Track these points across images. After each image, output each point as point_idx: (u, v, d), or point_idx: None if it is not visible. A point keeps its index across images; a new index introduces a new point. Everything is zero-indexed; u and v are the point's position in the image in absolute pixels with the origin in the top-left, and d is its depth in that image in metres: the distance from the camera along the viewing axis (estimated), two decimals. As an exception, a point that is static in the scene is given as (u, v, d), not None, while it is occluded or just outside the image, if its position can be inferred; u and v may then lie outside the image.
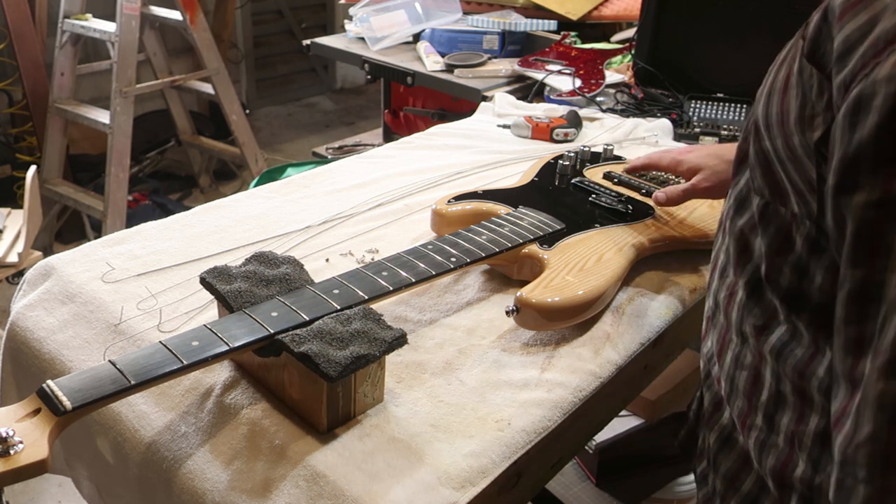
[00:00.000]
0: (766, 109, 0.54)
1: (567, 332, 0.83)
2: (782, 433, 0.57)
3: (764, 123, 0.54)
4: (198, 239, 0.98)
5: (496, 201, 0.98)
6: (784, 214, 0.54)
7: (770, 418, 0.59)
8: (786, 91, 0.51)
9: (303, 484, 0.63)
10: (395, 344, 0.68)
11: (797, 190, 0.52)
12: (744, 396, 0.61)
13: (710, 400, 0.70)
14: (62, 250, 1.00)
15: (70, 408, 0.56)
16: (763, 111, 0.54)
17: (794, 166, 0.51)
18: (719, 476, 0.67)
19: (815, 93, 0.47)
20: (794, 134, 0.49)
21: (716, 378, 0.67)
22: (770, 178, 0.55)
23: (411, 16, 2.06)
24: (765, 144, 0.54)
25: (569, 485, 1.55)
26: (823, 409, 0.53)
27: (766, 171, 0.55)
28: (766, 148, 0.54)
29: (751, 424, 0.61)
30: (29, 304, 0.86)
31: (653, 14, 1.60)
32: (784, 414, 0.57)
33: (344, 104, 4.42)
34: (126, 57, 2.50)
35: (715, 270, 0.67)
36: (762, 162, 0.55)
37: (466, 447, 0.67)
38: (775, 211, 0.55)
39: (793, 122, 0.49)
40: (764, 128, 0.54)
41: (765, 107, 0.54)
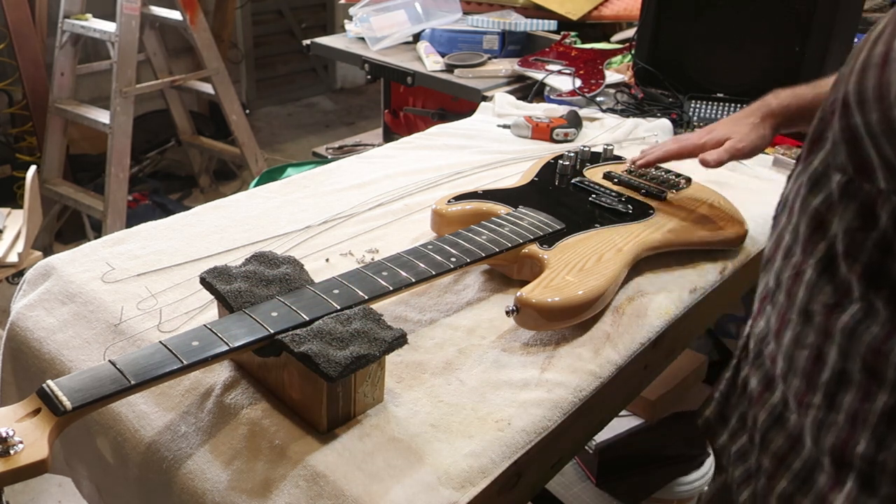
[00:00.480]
0: (858, 85, 0.54)
1: (567, 332, 0.83)
2: (843, 412, 0.58)
3: (856, 99, 0.54)
4: (198, 239, 0.98)
5: (496, 201, 0.98)
6: (869, 190, 0.55)
7: (831, 397, 0.59)
8: (885, 66, 0.52)
9: (303, 484, 0.63)
10: (395, 344, 0.68)
11: (888, 165, 0.52)
12: (802, 375, 0.62)
13: (759, 379, 0.70)
14: (62, 250, 1.00)
15: (70, 408, 0.56)
16: (855, 87, 0.55)
17: (889, 140, 0.52)
18: (768, 454, 0.67)
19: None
20: (894, 107, 0.50)
21: (769, 357, 0.67)
22: (856, 155, 0.55)
23: (411, 16, 2.06)
24: (854, 120, 0.55)
25: (569, 485, 1.55)
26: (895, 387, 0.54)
27: (853, 148, 0.55)
28: (856, 124, 0.55)
29: (808, 403, 0.61)
30: (29, 304, 0.86)
31: (653, 14, 1.60)
32: (847, 393, 0.58)
33: (344, 104, 4.42)
34: (126, 57, 2.50)
35: (778, 251, 0.67)
36: (848, 138, 0.56)
37: (466, 447, 0.67)
38: (859, 187, 0.56)
39: (893, 96, 0.50)
40: (856, 103, 0.55)
41: (857, 82, 0.55)
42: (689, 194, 1.06)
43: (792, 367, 0.63)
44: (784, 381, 0.65)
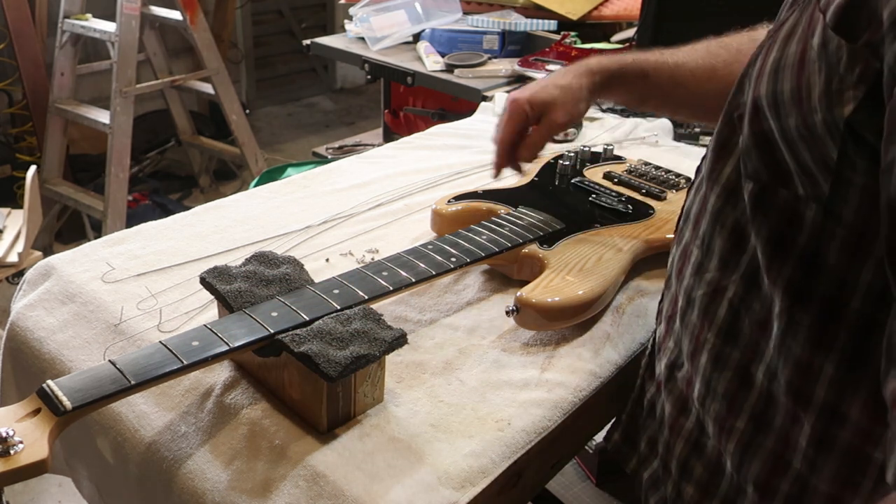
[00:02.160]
0: (772, 87, 0.51)
1: (567, 332, 0.83)
2: (773, 435, 0.56)
3: (770, 102, 0.51)
4: (198, 239, 0.98)
5: (496, 201, 0.98)
6: (785, 197, 0.51)
7: (756, 420, 0.57)
8: (802, 67, 0.48)
9: (303, 484, 0.63)
10: (395, 344, 0.68)
11: (805, 171, 0.49)
12: (724, 398, 0.59)
13: (672, 404, 0.67)
14: (62, 250, 1.00)
15: (70, 408, 0.56)
16: (769, 89, 0.51)
17: (807, 145, 0.48)
18: (692, 483, 0.65)
19: (843, 66, 0.45)
20: (817, 111, 0.47)
21: (683, 380, 0.65)
22: (769, 160, 0.52)
23: (411, 16, 2.06)
24: (767, 125, 0.51)
25: (569, 485, 1.55)
26: (823, 409, 0.52)
27: (765, 153, 0.52)
28: (769, 128, 0.51)
29: (730, 427, 0.59)
30: (29, 304, 0.86)
31: (653, 14, 1.60)
32: (776, 414, 0.55)
33: (344, 104, 4.42)
34: (126, 57, 2.50)
35: (685, 268, 0.64)
36: (761, 143, 0.52)
37: (466, 447, 0.67)
38: (773, 194, 0.52)
39: (815, 99, 0.47)
40: (769, 107, 0.51)
41: (771, 84, 0.51)
42: (689, 194, 1.06)
43: (710, 391, 0.60)
44: (701, 406, 0.62)
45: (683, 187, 1.07)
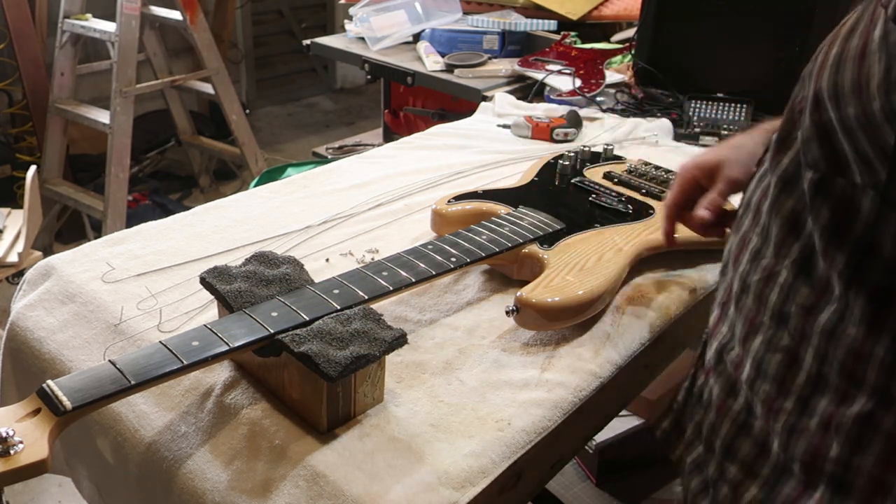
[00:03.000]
0: (833, 79, 0.54)
1: (567, 332, 0.83)
2: (817, 416, 0.57)
3: (830, 94, 0.54)
4: (198, 239, 0.98)
5: (496, 201, 0.98)
6: (844, 186, 0.54)
7: (804, 401, 0.59)
8: (863, 58, 0.51)
9: (303, 484, 0.63)
10: (395, 344, 0.68)
11: (863, 159, 0.52)
12: (773, 380, 0.61)
13: (721, 387, 0.69)
14: (62, 250, 1.00)
15: (70, 408, 0.56)
16: (830, 82, 0.54)
17: (866, 134, 0.51)
18: (736, 462, 0.66)
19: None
20: (875, 99, 0.49)
21: (732, 363, 0.67)
22: (829, 151, 0.54)
23: (411, 16, 2.06)
24: (826, 115, 0.54)
25: (569, 485, 1.55)
26: (874, 391, 0.53)
27: (825, 144, 0.55)
28: (828, 119, 0.54)
29: (779, 408, 0.61)
30: (29, 304, 0.86)
31: (653, 14, 1.60)
32: (823, 397, 0.57)
33: (344, 104, 4.42)
34: (126, 57, 2.50)
35: (743, 254, 0.66)
36: (820, 134, 0.55)
37: (466, 447, 0.67)
38: (833, 184, 0.55)
39: (874, 88, 0.49)
40: (830, 98, 0.54)
41: (832, 77, 0.54)
42: (689, 194, 1.06)
43: (761, 373, 0.62)
44: (750, 388, 0.64)
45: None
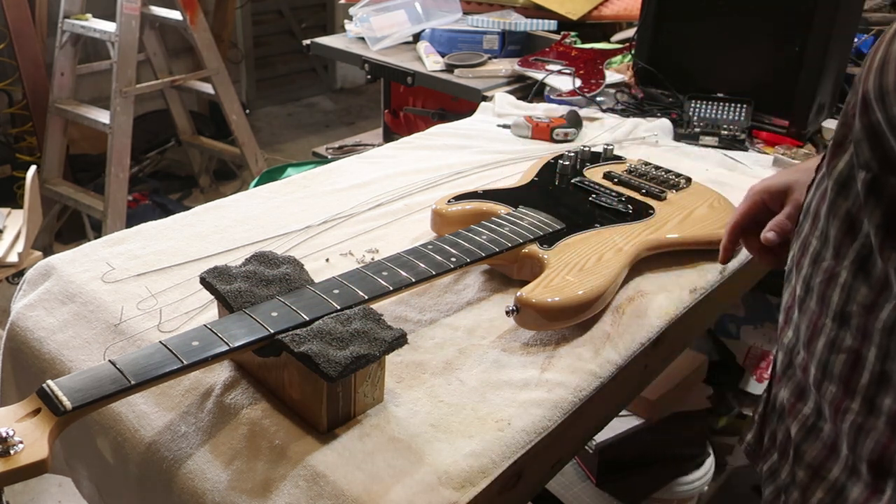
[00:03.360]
0: (878, 80, 0.55)
1: (567, 332, 0.83)
2: (884, 415, 0.58)
3: (877, 95, 0.55)
4: (198, 239, 0.98)
5: (496, 201, 0.98)
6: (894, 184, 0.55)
7: (870, 401, 0.59)
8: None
9: (303, 484, 0.63)
10: (395, 344, 0.68)
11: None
12: (839, 381, 0.61)
13: (791, 391, 0.69)
14: (62, 250, 1.00)
15: (70, 408, 0.56)
16: (875, 83, 0.55)
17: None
18: (803, 466, 0.67)
19: None
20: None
21: (800, 367, 0.67)
22: (879, 150, 0.56)
23: (411, 16, 2.06)
24: (874, 117, 0.55)
25: (569, 485, 1.55)
26: None
27: (875, 144, 0.56)
28: (877, 120, 0.55)
29: (846, 409, 0.61)
30: (29, 304, 0.86)
31: (653, 14, 1.60)
32: (887, 395, 0.57)
33: (344, 104, 4.42)
34: (126, 57, 2.50)
35: (804, 258, 0.67)
36: (871, 135, 0.56)
37: (466, 447, 0.67)
38: (886, 183, 0.56)
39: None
40: (876, 99, 0.55)
41: (877, 78, 0.55)
42: (689, 194, 1.06)
43: (827, 374, 0.62)
44: (818, 390, 0.64)
45: (683, 187, 1.07)
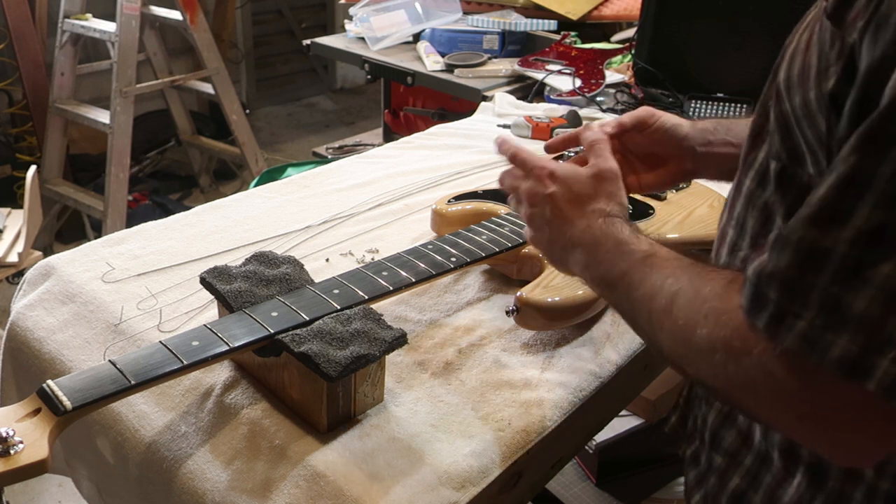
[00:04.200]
0: (788, 71, 0.56)
1: (567, 332, 0.83)
2: None
3: (785, 85, 0.56)
4: (198, 239, 0.98)
5: (496, 201, 0.98)
6: (801, 175, 0.55)
7: None
8: (807, 50, 0.54)
9: (303, 484, 0.63)
10: (395, 344, 0.68)
11: (811, 150, 0.53)
12: None
13: None
14: (62, 250, 1.00)
15: (70, 408, 0.56)
16: (785, 74, 0.56)
17: (809, 123, 0.53)
18: (721, 452, 0.67)
19: (827, 45, 0.50)
20: (812, 88, 0.52)
21: None
22: (788, 142, 0.56)
23: (411, 16, 2.06)
24: (785, 106, 0.56)
25: (569, 485, 1.55)
26: None
27: (786, 135, 0.57)
28: (786, 110, 0.56)
29: None
30: (29, 304, 0.86)
31: (653, 14, 1.60)
32: None
33: (344, 104, 4.42)
34: (126, 57, 2.50)
35: (722, 248, 0.68)
36: (782, 125, 0.57)
37: (466, 447, 0.67)
38: (793, 174, 0.56)
39: (813, 77, 0.52)
40: (785, 89, 0.56)
41: (787, 69, 0.56)
42: (689, 194, 1.06)
43: None
44: None
45: (683, 187, 1.07)
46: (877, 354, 0.42)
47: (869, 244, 0.43)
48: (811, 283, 0.45)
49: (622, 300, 0.62)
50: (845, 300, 0.43)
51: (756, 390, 0.49)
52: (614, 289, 0.63)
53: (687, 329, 0.53)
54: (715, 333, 0.50)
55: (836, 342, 0.44)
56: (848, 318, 0.43)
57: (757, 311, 0.48)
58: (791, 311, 0.46)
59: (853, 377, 0.43)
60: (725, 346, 0.50)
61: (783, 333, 0.46)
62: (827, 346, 0.44)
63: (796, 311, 0.45)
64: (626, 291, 0.61)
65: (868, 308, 0.43)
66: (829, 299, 0.44)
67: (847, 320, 0.43)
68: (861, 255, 0.43)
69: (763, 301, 0.47)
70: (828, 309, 0.44)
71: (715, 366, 0.51)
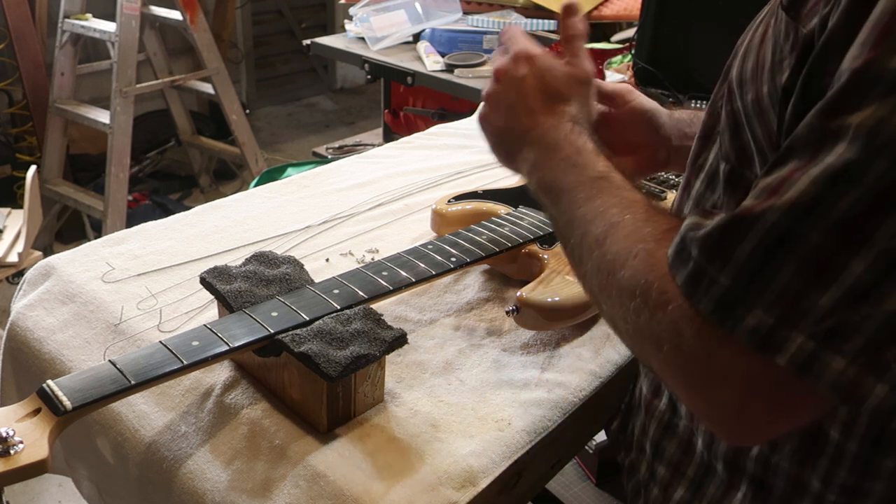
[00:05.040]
0: (741, 67, 0.55)
1: (567, 332, 0.83)
2: None
3: (738, 81, 0.55)
4: (198, 239, 0.98)
5: (496, 201, 0.98)
6: (749, 178, 0.54)
7: None
8: (762, 44, 0.52)
9: (303, 484, 0.63)
10: (395, 344, 0.68)
11: (759, 149, 0.52)
12: None
13: (648, 386, 0.69)
14: (62, 250, 1.00)
15: (70, 408, 0.56)
16: (738, 70, 0.55)
17: (760, 121, 0.51)
18: (663, 462, 0.66)
19: (782, 37, 0.49)
20: (766, 83, 0.50)
21: None
22: (737, 141, 0.55)
23: (411, 16, 2.06)
24: (736, 104, 0.55)
25: (569, 485, 1.55)
26: None
27: (735, 133, 0.55)
28: (738, 107, 0.54)
29: None
30: (29, 304, 0.86)
31: (653, 14, 1.60)
32: None
33: (344, 104, 4.42)
34: (126, 57, 2.50)
35: None
36: (732, 124, 0.55)
37: (466, 447, 0.67)
38: (741, 175, 0.55)
39: (766, 72, 0.51)
40: (737, 85, 0.55)
41: (740, 66, 0.55)
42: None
43: None
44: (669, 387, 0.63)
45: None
46: (792, 329, 0.41)
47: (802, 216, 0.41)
48: (733, 247, 0.43)
49: (561, 215, 0.59)
50: (767, 269, 0.41)
51: (661, 346, 0.47)
52: (557, 201, 0.59)
53: (614, 264, 0.51)
54: (638, 277, 0.48)
55: (752, 311, 0.42)
56: (767, 289, 0.41)
57: (677, 266, 0.46)
58: (709, 273, 0.44)
59: (765, 350, 0.41)
60: (644, 293, 0.48)
61: (699, 294, 0.44)
62: (742, 315, 0.42)
63: (713, 274, 0.43)
64: (567, 207, 0.58)
65: (791, 280, 0.41)
66: (750, 266, 0.42)
67: (766, 290, 0.41)
68: (790, 225, 0.41)
69: (685, 257, 0.45)
70: (748, 276, 0.42)
71: (629, 310, 0.49)
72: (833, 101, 0.41)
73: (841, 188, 0.39)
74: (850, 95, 0.40)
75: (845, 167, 0.39)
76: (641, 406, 0.70)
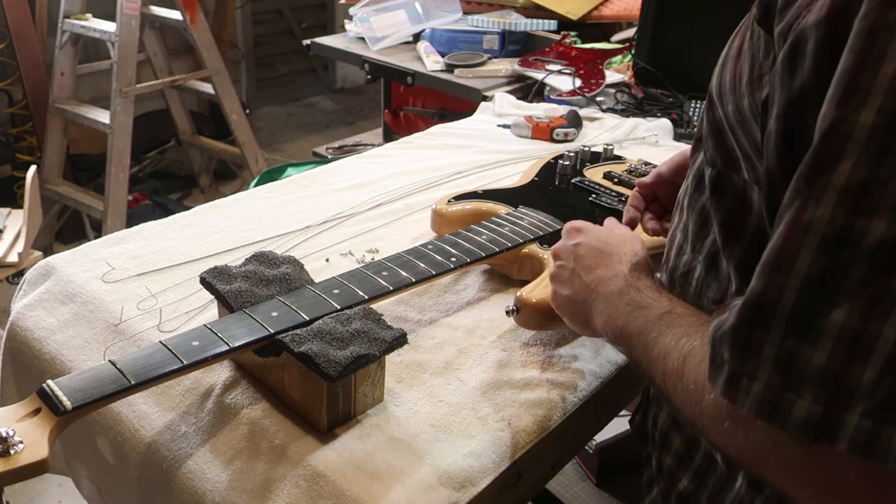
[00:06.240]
0: (720, 78, 0.56)
1: (567, 332, 0.83)
2: None
3: (717, 92, 0.56)
4: (198, 239, 0.98)
5: (496, 201, 0.98)
6: (736, 181, 0.55)
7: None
8: (738, 57, 0.53)
9: (303, 484, 0.63)
10: (395, 344, 0.68)
11: (745, 155, 0.53)
12: None
13: None
14: (62, 250, 1.00)
15: (70, 407, 0.56)
16: (717, 80, 0.56)
17: (743, 130, 0.52)
18: (671, 453, 0.67)
19: (762, 53, 0.49)
20: (745, 96, 0.51)
21: None
22: (722, 147, 0.56)
23: (411, 16, 2.06)
24: (717, 113, 0.56)
25: (569, 485, 1.55)
26: None
27: (718, 141, 0.56)
28: (719, 116, 0.56)
29: None
30: (29, 304, 0.86)
31: (653, 14, 1.60)
32: None
33: (344, 104, 4.42)
34: (126, 57, 2.50)
35: (671, 250, 0.68)
36: (715, 131, 0.57)
37: (466, 447, 0.67)
38: (728, 179, 0.56)
39: (744, 85, 0.51)
40: (717, 96, 0.56)
41: (719, 76, 0.56)
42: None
43: None
44: None
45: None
46: (843, 410, 0.39)
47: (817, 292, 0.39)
48: (762, 338, 0.41)
49: (640, 358, 0.58)
50: (802, 355, 0.40)
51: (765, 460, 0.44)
52: (632, 346, 0.60)
53: (697, 393, 0.49)
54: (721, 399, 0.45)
55: (797, 402, 0.40)
56: (807, 374, 0.40)
57: (714, 373, 0.44)
58: (745, 372, 0.42)
59: (821, 439, 0.39)
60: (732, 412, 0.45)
61: (742, 397, 0.42)
62: (789, 408, 0.40)
63: (750, 372, 0.42)
64: (643, 350, 0.58)
65: (828, 361, 0.39)
66: (783, 355, 0.40)
67: (806, 376, 0.40)
68: (810, 305, 0.40)
69: (718, 362, 0.44)
70: (784, 366, 0.40)
71: (724, 434, 0.46)
72: (811, 163, 0.41)
73: (844, 254, 0.39)
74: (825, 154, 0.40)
75: (840, 232, 0.39)
76: (652, 400, 0.71)
